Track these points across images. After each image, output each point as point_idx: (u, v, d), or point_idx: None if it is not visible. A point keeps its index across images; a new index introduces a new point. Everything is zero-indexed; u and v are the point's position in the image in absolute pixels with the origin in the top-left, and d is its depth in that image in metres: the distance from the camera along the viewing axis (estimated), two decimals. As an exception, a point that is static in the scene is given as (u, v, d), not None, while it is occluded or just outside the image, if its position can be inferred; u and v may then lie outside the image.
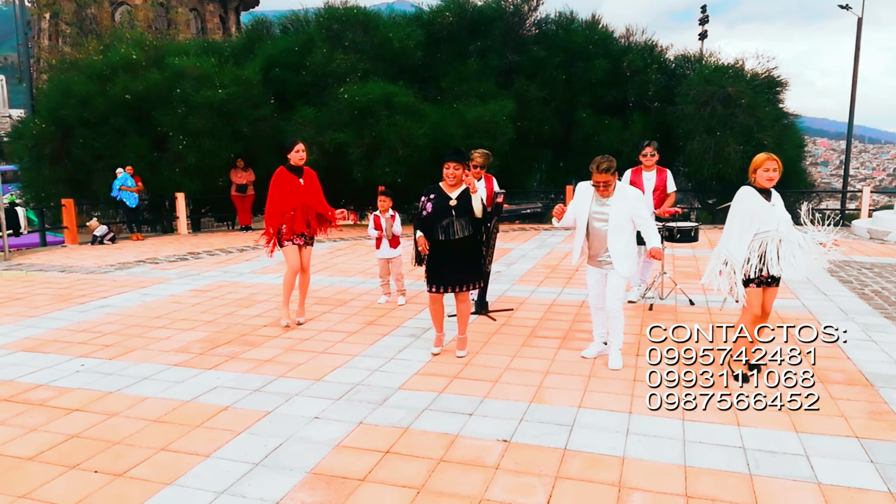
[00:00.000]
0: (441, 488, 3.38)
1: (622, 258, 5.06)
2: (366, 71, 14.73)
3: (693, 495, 3.27)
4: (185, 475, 3.53)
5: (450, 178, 5.24)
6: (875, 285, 8.18)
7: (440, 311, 5.53)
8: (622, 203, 5.03)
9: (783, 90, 16.01)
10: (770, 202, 4.84)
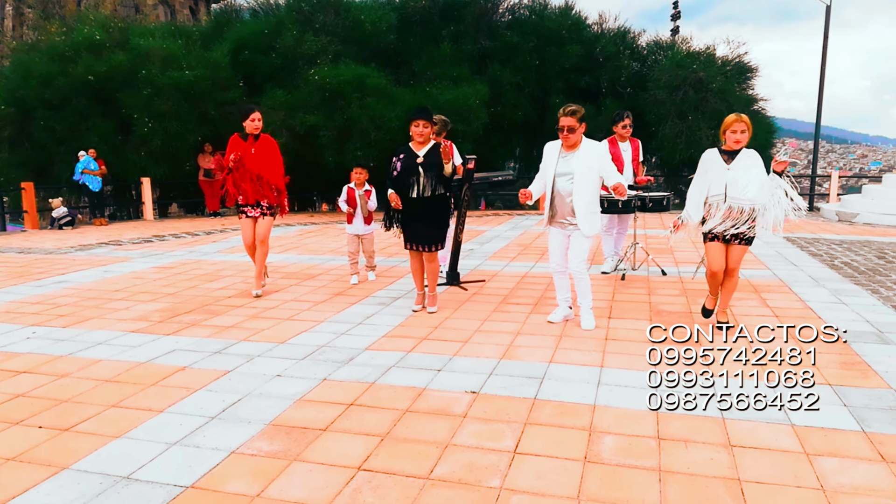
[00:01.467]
0: (406, 436, 3.24)
1: (586, 215, 4.95)
2: (337, 53, 14.50)
3: (665, 437, 3.17)
4: (135, 429, 3.34)
5: (417, 136, 5.14)
6: (844, 258, 8.23)
7: (419, 267, 5.46)
8: (589, 157, 4.91)
9: (753, 76, 16.14)
10: (729, 165, 4.80)
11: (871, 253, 8.66)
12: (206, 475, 2.88)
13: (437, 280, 5.60)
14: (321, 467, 2.94)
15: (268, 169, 6.01)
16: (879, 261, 8.02)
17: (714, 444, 3.09)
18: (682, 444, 3.10)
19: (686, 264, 7.79)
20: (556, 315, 5.23)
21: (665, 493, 2.68)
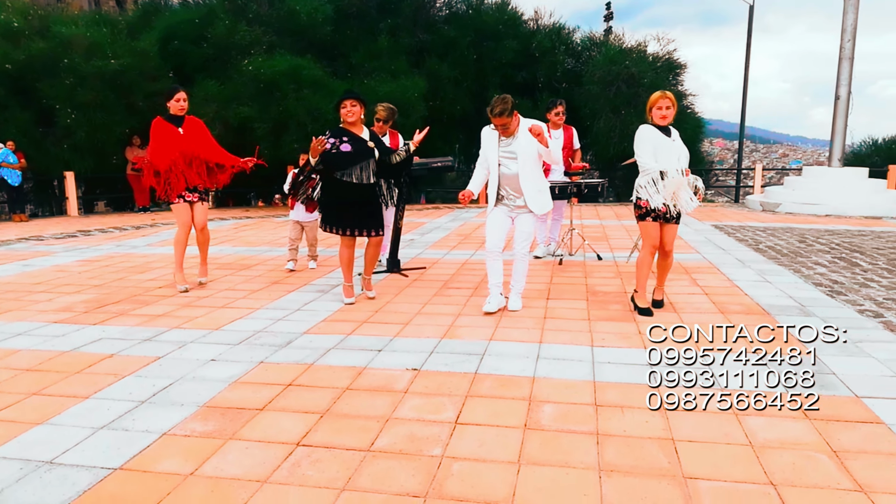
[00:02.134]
0: (346, 412, 3.19)
1: (535, 194, 5.00)
2: (272, 44, 14.20)
3: (602, 404, 3.24)
4: (59, 415, 3.18)
5: (349, 116, 5.06)
6: (768, 242, 8.61)
7: (350, 256, 5.37)
8: (527, 137, 4.94)
9: (682, 72, 16.71)
10: (670, 138, 4.94)
11: (793, 238, 9.09)
12: (135, 457, 2.76)
13: (374, 265, 5.55)
14: (258, 444, 2.86)
15: (202, 149, 5.81)
16: (800, 244, 8.43)
17: (649, 409, 3.17)
18: (619, 410, 3.17)
19: (620, 250, 7.99)
20: (490, 305, 5.05)
21: (602, 454, 2.73)
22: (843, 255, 7.49)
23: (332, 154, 5.10)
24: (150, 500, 2.43)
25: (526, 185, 4.98)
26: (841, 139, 15.00)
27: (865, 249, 8.02)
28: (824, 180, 14.12)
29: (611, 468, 2.62)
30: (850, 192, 13.53)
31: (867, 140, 21.57)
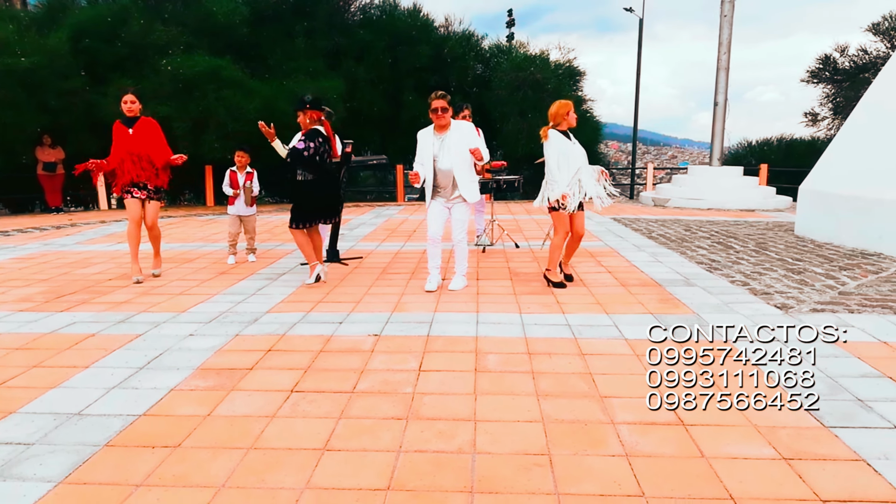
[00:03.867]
0: (325, 367, 3.80)
1: (468, 184, 5.73)
2: (189, 44, 14.23)
3: (533, 351, 4.02)
4: (68, 380, 3.60)
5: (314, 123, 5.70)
6: (659, 231, 9.80)
7: (307, 242, 5.94)
8: (458, 134, 5.69)
9: (582, 78, 18.07)
10: (572, 142, 5.83)
11: (680, 227, 10.36)
12: (154, 406, 3.26)
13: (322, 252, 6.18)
14: (258, 393, 3.43)
15: (149, 149, 6.16)
16: (686, 232, 9.67)
17: (570, 355, 3.98)
18: (547, 356, 3.96)
19: (534, 239, 8.90)
20: (431, 284, 5.82)
21: (537, 386, 3.50)
22: (721, 241, 8.74)
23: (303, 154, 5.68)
24: (180, 433, 2.96)
25: (460, 176, 5.72)
26: (720, 141, 16.79)
27: (739, 235, 9.34)
28: (706, 178, 15.79)
29: (545, 394, 3.39)
30: (728, 188, 15.24)
31: (743, 142, 23.94)
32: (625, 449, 2.79)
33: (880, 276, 6.21)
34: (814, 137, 21.80)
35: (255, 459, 2.72)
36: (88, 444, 2.86)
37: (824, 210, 8.77)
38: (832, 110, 19.46)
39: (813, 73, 19.56)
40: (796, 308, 5.00)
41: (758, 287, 5.74)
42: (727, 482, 2.52)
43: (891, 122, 8.24)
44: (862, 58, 18.74)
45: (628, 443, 2.85)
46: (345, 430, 2.98)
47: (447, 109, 5.65)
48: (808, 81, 19.77)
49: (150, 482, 2.55)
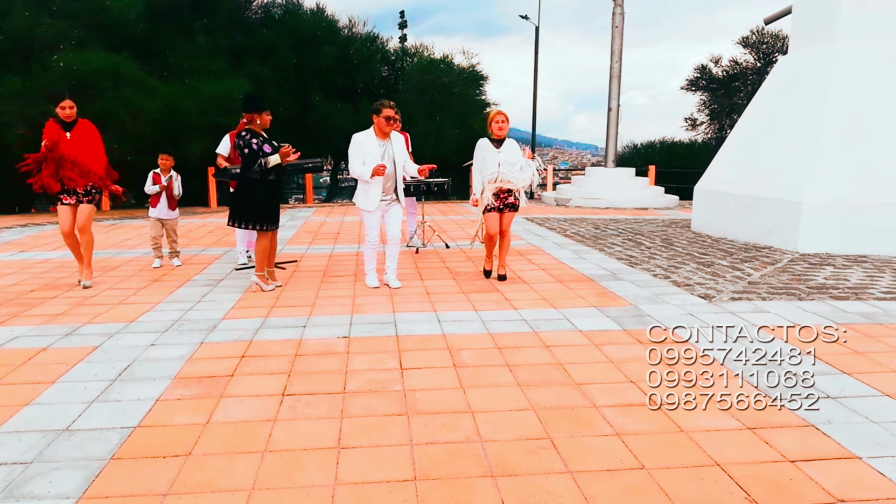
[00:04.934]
0: (308, 370, 3.86)
1: (402, 189, 6.01)
2: (81, 39, 13.35)
3: (501, 346, 4.28)
4: (39, 397, 3.44)
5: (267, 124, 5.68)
6: (572, 230, 10.40)
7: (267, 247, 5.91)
8: (398, 142, 5.93)
9: (485, 83, 18.63)
10: (499, 149, 6.15)
11: (590, 226, 11.03)
12: (145, 417, 3.21)
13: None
14: (249, 398, 3.45)
15: (84, 154, 5.87)
16: (597, 231, 10.32)
17: (536, 347, 4.27)
18: (516, 350, 4.23)
19: (461, 240, 9.20)
20: (372, 280, 6.09)
21: (517, 377, 3.75)
22: (630, 237, 9.42)
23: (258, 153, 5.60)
24: (185, 442, 2.96)
25: (400, 181, 5.94)
26: (613, 144, 17.90)
27: (644, 232, 10.10)
28: (603, 179, 16.79)
29: (526, 384, 3.65)
30: (622, 188, 16.29)
31: (629, 144, 25.59)
32: (614, 429, 3.10)
33: (777, 266, 7.01)
34: (692, 140, 23.72)
35: (274, 461, 2.78)
36: (92, 458, 2.79)
37: (717, 208, 9.68)
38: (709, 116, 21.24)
39: (691, 82, 21.27)
40: (717, 297, 5.58)
41: (678, 279, 6.31)
42: (709, 451, 2.88)
43: (773, 128, 9.24)
44: (734, 68, 20.61)
45: (615, 423, 3.16)
46: (352, 429, 3.09)
47: (397, 121, 5.83)
48: (686, 89, 21.48)
49: (176, 490, 2.56)
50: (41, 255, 8.16)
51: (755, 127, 9.73)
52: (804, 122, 8.73)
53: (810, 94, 8.88)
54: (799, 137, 8.67)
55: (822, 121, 8.45)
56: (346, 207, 15.22)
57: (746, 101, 20.67)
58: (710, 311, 5.16)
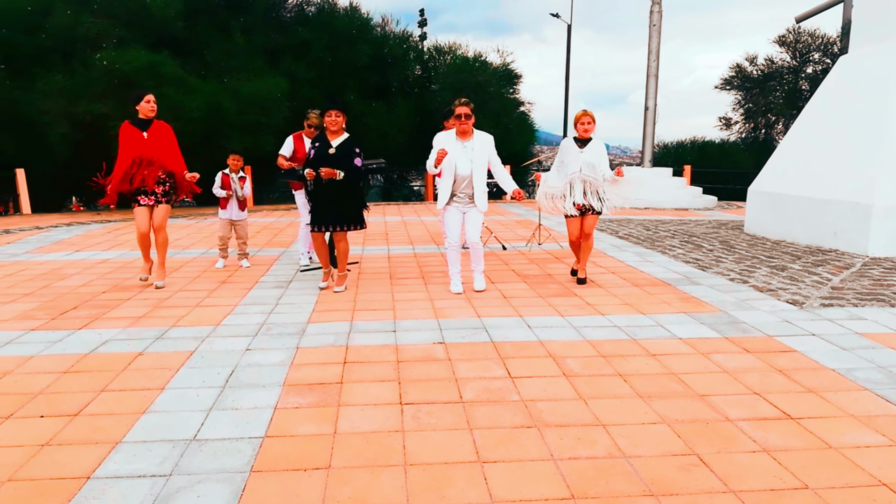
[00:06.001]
0: (416, 377, 3.77)
1: (481, 194, 5.80)
2: (122, 38, 13.36)
3: (604, 354, 4.16)
4: (153, 405, 3.37)
5: (331, 126, 5.54)
6: (623, 231, 10.25)
7: (322, 247, 5.82)
8: (481, 145, 5.76)
9: (519, 82, 18.48)
10: (582, 149, 6.03)
11: (638, 226, 10.87)
12: (270, 426, 3.13)
13: (346, 261, 6.01)
14: (369, 407, 3.36)
15: (163, 153, 5.82)
16: (648, 231, 10.17)
17: (642, 356, 4.15)
18: (621, 358, 4.11)
19: (517, 241, 9.08)
20: (456, 286, 5.91)
21: (633, 386, 3.64)
22: (686, 240, 9.26)
23: (307, 158, 5.53)
24: (320, 454, 2.87)
25: (477, 184, 5.77)
26: (650, 144, 17.70)
27: (697, 234, 9.93)
28: (642, 179, 16.59)
29: (648, 395, 3.53)
30: (661, 189, 16.09)
31: (659, 144, 25.30)
32: (759, 445, 2.97)
33: (852, 271, 6.83)
34: (723, 140, 23.43)
35: (419, 476, 2.68)
36: (232, 471, 2.71)
37: (774, 210, 9.50)
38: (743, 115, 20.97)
39: (726, 81, 21.00)
40: (807, 303, 5.43)
41: (758, 284, 6.16)
42: (868, 469, 2.75)
43: (835, 128, 9.04)
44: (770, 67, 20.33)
45: (758, 439, 3.03)
46: (485, 441, 2.99)
47: (470, 116, 5.69)
48: (721, 88, 21.21)
49: (330, 507, 2.47)
50: (98, 254, 8.14)
51: (814, 128, 9.52)
52: (868, 122, 8.53)
53: (874, 93, 8.68)
54: (864, 137, 8.47)
55: (887, 120, 8.25)
56: (381, 207, 15.13)
57: (782, 100, 20.40)
58: (806, 317, 5.01)
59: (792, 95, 20.31)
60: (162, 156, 5.81)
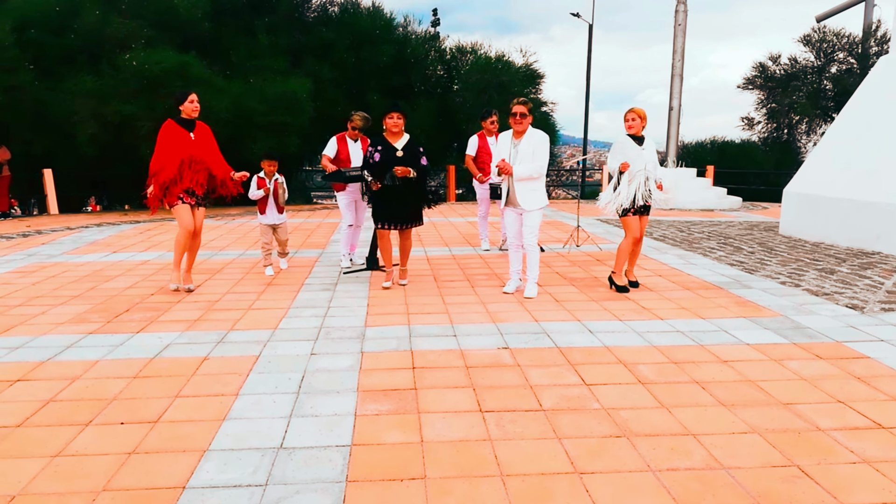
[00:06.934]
0: (489, 384, 3.71)
1: (527, 192, 5.65)
2: (150, 38, 13.39)
3: (676, 361, 4.09)
4: (231, 411, 3.33)
5: (392, 127, 5.52)
6: (657, 233, 10.15)
7: (388, 246, 5.83)
8: (528, 142, 5.65)
9: (541, 81, 18.39)
10: (641, 146, 5.94)
11: (671, 228, 10.77)
12: (354, 434, 3.08)
13: (409, 255, 6.12)
14: (450, 414, 3.31)
15: (210, 157, 5.81)
16: (682, 233, 10.07)
17: (714, 362, 4.08)
18: (694, 365, 4.04)
19: (551, 243, 9.01)
20: (510, 286, 5.91)
21: (713, 394, 3.57)
22: (723, 242, 9.16)
23: (369, 162, 5.51)
24: (413, 463, 2.82)
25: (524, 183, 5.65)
26: (675, 144, 17.57)
27: (732, 236, 9.83)
28: (667, 180, 16.46)
29: (730, 403, 3.46)
30: (687, 189, 15.96)
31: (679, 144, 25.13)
32: (858, 456, 2.90)
33: (903, 274, 6.73)
34: (743, 140, 23.23)
35: (519, 487, 2.63)
36: (328, 480, 2.67)
37: (812, 212, 9.38)
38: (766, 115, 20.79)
39: (748, 80, 20.83)
40: (867, 308, 5.34)
41: (811, 288, 6.07)
42: (981, 483, 2.67)
43: (875, 129, 8.92)
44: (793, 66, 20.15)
45: (855, 449, 2.96)
46: (577, 451, 2.93)
47: (526, 115, 5.62)
48: (743, 87, 21.03)
49: (437, 519, 2.42)
50: (137, 256, 8.14)
51: (853, 129, 9.40)
52: (912, 124, 8.40)
53: (917, 93, 8.55)
54: (907, 139, 8.34)
55: (933, 122, 8.12)
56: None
57: (805, 100, 20.21)
58: (871, 322, 4.92)
59: (815, 95, 20.12)
60: (207, 157, 5.79)
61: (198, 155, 5.73)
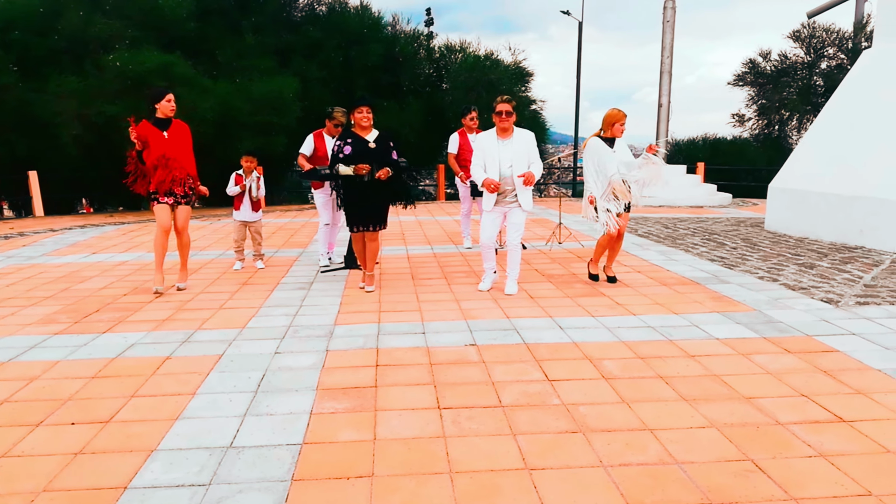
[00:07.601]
0: (452, 380, 3.67)
1: (526, 192, 5.62)
2: (134, 39, 13.33)
3: (643, 356, 4.05)
4: (185, 410, 3.29)
5: (362, 121, 5.46)
6: (642, 229, 10.12)
7: (361, 248, 5.76)
8: (520, 142, 5.60)
9: (531, 80, 18.35)
10: (612, 149, 5.90)
11: (657, 224, 10.74)
12: (307, 433, 3.04)
13: (375, 260, 5.96)
14: (407, 412, 3.27)
15: (182, 154, 5.77)
16: (667, 230, 10.04)
17: (681, 357, 4.04)
18: (661, 360, 4.00)
19: (535, 240, 8.98)
20: (485, 284, 5.88)
21: (676, 389, 3.53)
22: (708, 238, 9.13)
23: (338, 157, 5.43)
24: (362, 461, 2.78)
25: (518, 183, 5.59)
26: (664, 141, 17.55)
27: (717, 232, 9.80)
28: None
29: (693, 398, 3.42)
30: (676, 186, 15.94)
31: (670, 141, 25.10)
32: (815, 450, 2.87)
33: (882, 268, 6.70)
34: (735, 137, 23.21)
35: (466, 484, 2.59)
36: (273, 479, 2.63)
37: (797, 207, 9.35)
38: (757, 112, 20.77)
39: (739, 77, 20.81)
40: (842, 302, 5.31)
41: (788, 283, 6.04)
42: (936, 475, 2.64)
43: (859, 124, 8.89)
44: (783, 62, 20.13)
45: (812, 443, 2.92)
46: (530, 447, 2.89)
47: (511, 114, 5.56)
48: (734, 84, 21.01)
49: (379, 518, 2.38)
50: (115, 256, 8.09)
51: (838, 123, 9.38)
52: (894, 118, 8.38)
53: (899, 87, 8.52)
54: (889, 133, 8.32)
55: (915, 115, 8.10)
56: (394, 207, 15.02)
57: (796, 96, 20.19)
58: (844, 316, 4.89)
59: (806, 91, 20.10)
60: (180, 156, 5.75)
61: (171, 153, 5.69)
